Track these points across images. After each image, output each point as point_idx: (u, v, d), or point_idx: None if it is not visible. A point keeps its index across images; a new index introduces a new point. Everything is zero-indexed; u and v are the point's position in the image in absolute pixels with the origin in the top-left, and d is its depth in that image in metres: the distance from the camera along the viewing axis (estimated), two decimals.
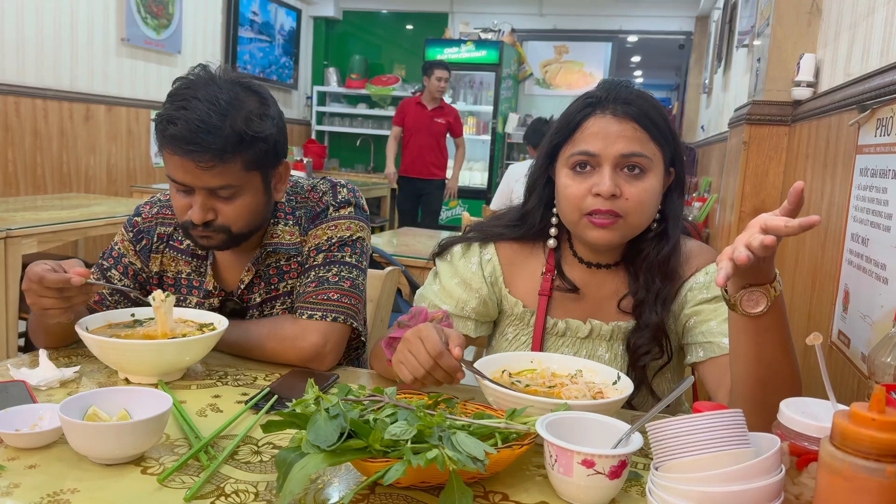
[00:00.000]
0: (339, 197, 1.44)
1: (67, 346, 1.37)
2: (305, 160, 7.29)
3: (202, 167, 1.22)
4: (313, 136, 8.25)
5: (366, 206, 1.48)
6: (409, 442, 0.83)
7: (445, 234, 3.89)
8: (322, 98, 8.31)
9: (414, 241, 3.34)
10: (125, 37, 5.33)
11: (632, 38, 8.32)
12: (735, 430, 0.76)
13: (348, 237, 1.41)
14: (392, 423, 0.87)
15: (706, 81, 6.49)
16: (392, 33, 8.50)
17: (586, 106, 1.23)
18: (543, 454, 0.90)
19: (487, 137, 7.46)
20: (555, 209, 1.31)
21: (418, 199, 5.96)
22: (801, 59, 2.13)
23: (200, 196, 1.26)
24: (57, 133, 4.81)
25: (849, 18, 1.85)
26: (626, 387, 1.08)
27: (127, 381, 1.22)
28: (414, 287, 2.54)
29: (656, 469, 0.79)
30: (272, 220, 1.41)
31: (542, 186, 1.32)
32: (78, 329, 1.19)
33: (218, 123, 1.21)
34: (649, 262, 1.26)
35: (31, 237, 2.88)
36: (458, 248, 1.39)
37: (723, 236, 2.62)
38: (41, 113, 4.67)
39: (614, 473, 0.86)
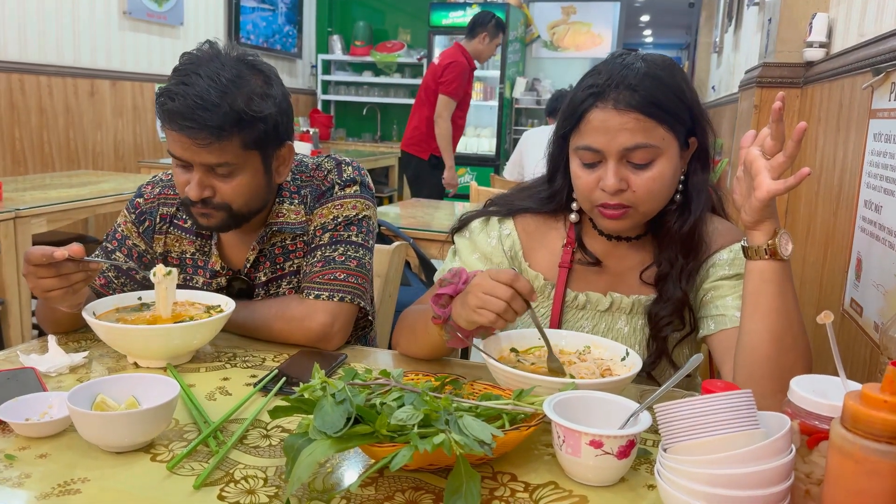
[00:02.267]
0: (345, 175, 1.42)
1: (76, 331, 1.37)
2: (312, 130, 7.24)
3: (199, 144, 1.21)
4: (319, 107, 8.19)
5: (371, 184, 1.47)
6: (416, 427, 0.83)
7: (448, 204, 3.84)
8: (327, 67, 8.23)
9: (421, 213, 3.32)
10: (127, 10, 5.28)
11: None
12: (744, 411, 0.76)
13: (354, 216, 1.40)
14: (398, 408, 0.86)
15: (717, 41, 6.37)
16: None
17: (589, 96, 1.18)
18: (552, 434, 0.90)
19: (495, 103, 7.37)
20: None
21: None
22: (813, 19, 2.08)
23: (198, 172, 1.26)
24: (63, 110, 4.79)
25: None
26: (635, 363, 1.07)
27: (136, 366, 1.22)
28: (423, 259, 2.54)
29: (665, 451, 0.79)
30: (277, 200, 1.40)
31: (563, 166, 1.29)
32: (85, 315, 1.19)
33: (216, 101, 1.20)
34: (672, 237, 1.25)
35: (41, 216, 2.89)
36: (476, 223, 1.38)
37: (731, 204, 2.58)
38: (46, 90, 4.65)
39: (623, 453, 0.85)
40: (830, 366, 0.83)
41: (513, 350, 1.16)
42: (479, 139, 7.49)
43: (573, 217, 1.31)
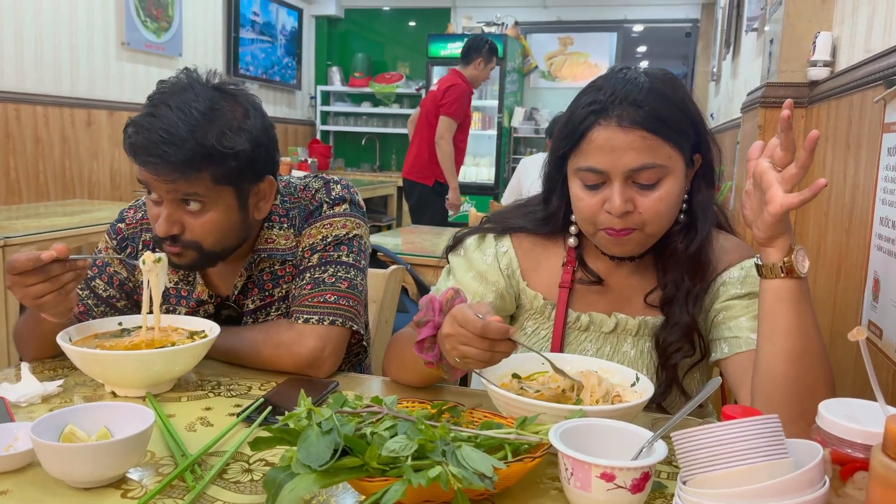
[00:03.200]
0: (333, 194, 1.36)
1: (53, 358, 1.30)
2: (310, 160, 7.24)
3: (163, 180, 1.15)
4: (318, 136, 8.19)
5: (361, 203, 1.41)
6: (410, 458, 0.76)
7: (452, 230, 3.80)
8: (326, 97, 8.24)
9: (420, 239, 3.26)
10: (125, 40, 5.28)
11: (637, 28, 8.20)
12: (772, 439, 0.68)
13: (344, 235, 1.33)
14: (391, 438, 0.79)
15: (714, 69, 6.38)
16: (394, 30, 8.42)
17: (590, 114, 1.11)
18: (558, 466, 0.82)
19: (493, 132, 7.36)
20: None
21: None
22: (816, 38, 2.04)
23: (167, 207, 1.19)
24: (59, 139, 4.76)
25: None
26: (646, 389, 1.00)
27: (114, 395, 1.15)
28: (421, 286, 2.48)
29: (684, 483, 0.71)
30: (266, 225, 1.33)
31: (560, 186, 1.23)
32: (59, 340, 1.12)
33: (184, 135, 1.13)
34: (677, 258, 1.18)
35: (30, 245, 2.83)
36: (471, 241, 1.31)
37: (739, 223, 2.53)
38: (42, 119, 4.62)
39: (637, 487, 0.78)
40: (849, 386, 0.76)
41: (515, 376, 1.09)
42: (477, 168, 7.47)
43: (571, 241, 1.25)
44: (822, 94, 1.98)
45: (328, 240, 1.32)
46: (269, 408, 1.07)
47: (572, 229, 1.25)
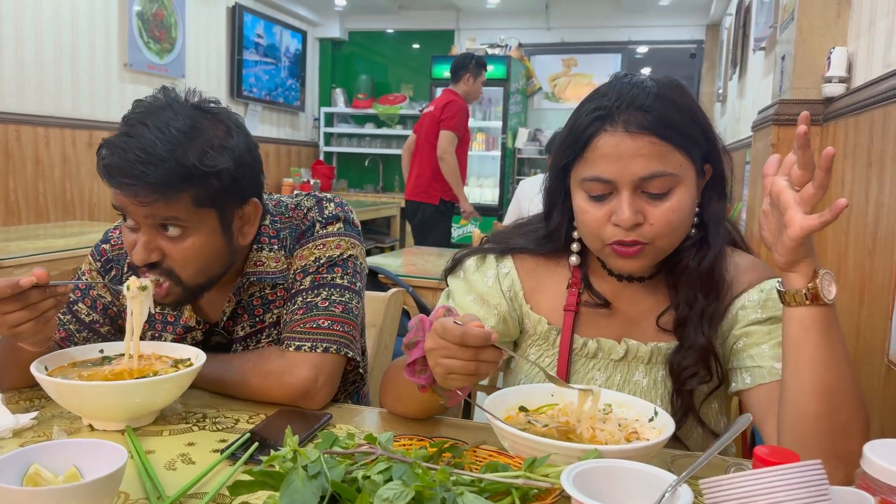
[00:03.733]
0: (326, 212, 1.28)
1: (31, 388, 1.22)
2: (313, 181, 7.20)
3: (140, 202, 1.07)
4: (321, 158, 8.16)
5: (357, 221, 1.33)
6: None
7: (452, 252, 3.74)
8: (329, 119, 8.22)
9: (421, 261, 3.19)
10: (128, 62, 5.27)
11: (641, 49, 8.18)
12: (816, 488, 0.61)
13: (338, 256, 1.26)
14: (385, 483, 0.71)
15: (720, 90, 6.34)
16: (398, 52, 8.42)
17: (595, 120, 1.04)
18: None
19: (497, 153, 7.32)
20: (576, 222, 1.15)
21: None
22: (831, 53, 1.97)
23: (145, 233, 1.11)
24: (59, 161, 4.72)
25: (886, 4, 1.69)
26: (666, 425, 0.92)
27: (91, 429, 1.07)
28: (423, 308, 2.39)
29: None
30: (255, 246, 1.25)
31: (562, 201, 1.16)
32: (33, 370, 1.04)
33: (163, 154, 1.05)
34: (689, 275, 1.10)
35: (25, 266, 2.76)
36: (471, 262, 1.24)
37: (755, 241, 2.45)
38: (42, 140, 4.59)
39: None
40: (878, 421, 0.68)
41: (522, 409, 1.01)
42: (481, 189, 7.42)
43: (573, 260, 1.17)
44: (839, 110, 1.91)
45: (321, 261, 1.24)
46: (256, 444, 0.99)
47: (574, 247, 1.17)
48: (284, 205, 1.30)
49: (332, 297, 1.22)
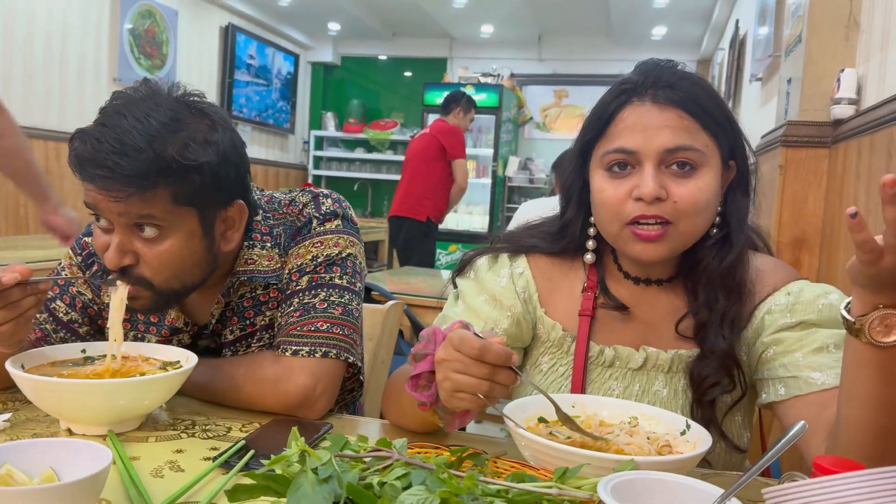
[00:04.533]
0: (323, 208, 1.20)
1: (3, 391, 1.13)
2: None
3: (112, 196, 0.98)
4: (310, 181, 8.09)
5: (355, 218, 1.25)
6: None
7: (446, 273, 3.67)
8: (319, 142, 8.18)
9: (414, 280, 3.12)
10: (117, 76, 5.20)
11: None
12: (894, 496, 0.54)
13: (336, 255, 1.17)
14: (404, 489, 0.64)
15: None
16: (390, 79, 8.43)
17: (621, 94, 1.01)
18: None
19: (488, 181, 7.30)
20: (592, 219, 1.09)
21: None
22: (840, 75, 1.95)
23: (118, 234, 1.02)
24: (42, 172, 4.62)
25: None
26: (702, 438, 0.85)
27: (70, 433, 0.98)
28: (417, 326, 2.32)
29: None
30: (246, 244, 1.17)
31: (578, 192, 1.10)
32: (9, 366, 0.95)
33: (140, 145, 0.97)
34: (710, 275, 1.03)
35: None
36: (483, 261, 1.16)
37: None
38: None
39: None
40: None
41: (541, 420, 0.93)
42: (471, 216, 7.38)
43: (589, 257, 1.11)
44: (849, 132, 1.88)
45: (319, 260, 1.16)
46: (252, 451, 0.91)
47: (590, 244, 1.10)
48: (277, 200, 1.22)
49: (331, 299, 1.14)
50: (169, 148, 0.99)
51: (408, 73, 8.37)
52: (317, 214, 1.19)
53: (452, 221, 6.92)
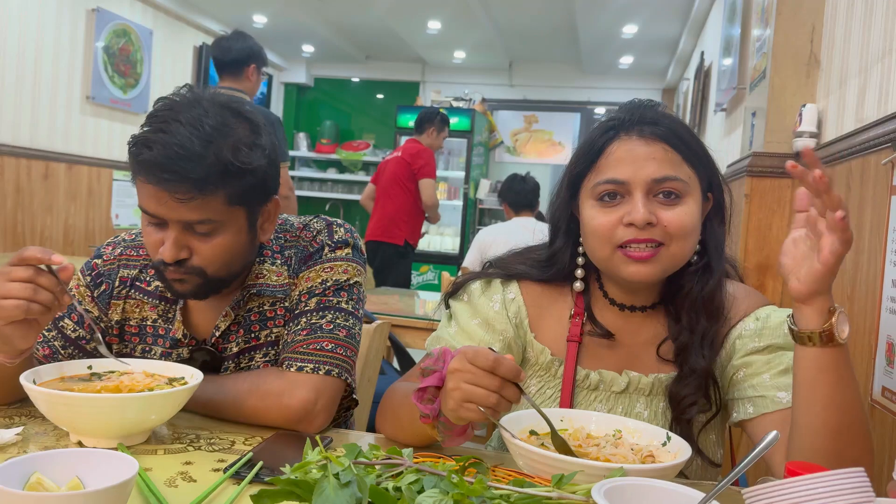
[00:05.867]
0: (336, 237, 1.27)
1: (9, 406, 1.16)
2: None
3: (179, 199, 1.06)
4: None
5: (363, 249, 1.32)
6: None
7: (423, 293, 3.73)
8: (292, 162, 8.21)
9: (393, 301, 3.17)
10: (90, 95, 5.19)
11: (599, 110, 8.44)
12: (863, 495, 0.61)
13: (345, 281, 1.24)
14: (418, 493, 0.69)
15: None
16: (362, 101, 8.51)
17: (609, 129, 1.10)
18: None
19: (459, 203, 7.40)
20: (581, 248, 1.16)
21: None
22: (802, 110, 2.07)
23: (174, 231, 1.10)
24: (12, 190, 4.58)
25: (856, 65, 1.79)
26: (682, 448, 0.92)
27: (80, 445, 1.01)
28: (398, 347, 2.37)
29: None
30: (257, 260, 1.24)
31: (566, 223, 1.17)
32: (23, 381, 0.99)
33: (200, 151, 1.05)
34: (693, 300, 1.11)
35: None
36: (476, 286, 1.23)
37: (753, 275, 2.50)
38: None
39: None
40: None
41: (532, 433, 1.00)
42: (442, 237, 7.45)
43: (578, 285, 1.18)
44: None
45: (328, 284, 1.23)
46: (261, 463, 0.95)
47: (578, 272, 1.18)
48: (291, 223, 1.29)
49: (337, 321, 1.20)
50: (224, 152, 1.07)
51: (380, 96, 8.46)
52: (329, 242, 1.26)
53: (424, 243, 6.97)
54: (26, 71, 4.64)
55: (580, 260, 1.17)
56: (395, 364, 2.49)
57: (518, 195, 4.27)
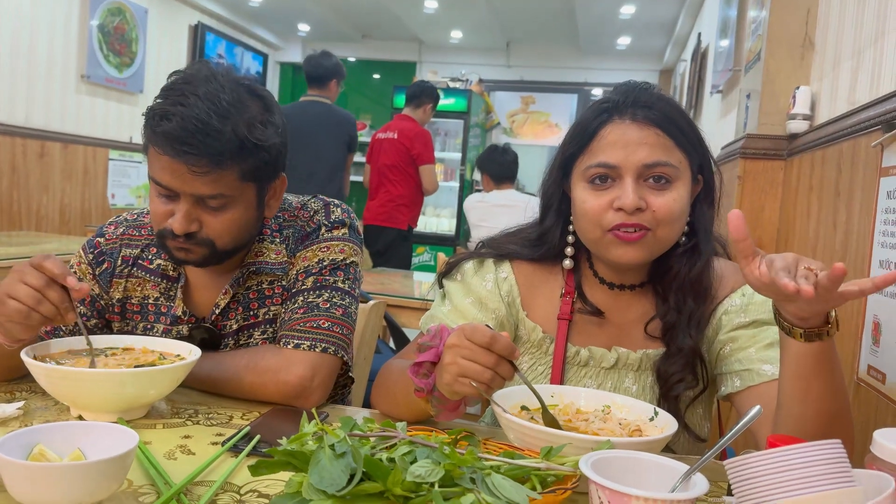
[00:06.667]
0: (333, 216, 1.29)
1: (10, 381, 1.18)
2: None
3: (195, 172, 1.07)
4: None
5: (360, 229, 1.34)
6: (437, 485, 0.68)
7: (418, 274, 3.75)
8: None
9: (389, 281, 3.19)
10: (85, 73, 5.17)
11: (597, 91, 8.43)
12: (840, 465, 0.63)
13: (341, 260, 1.26)
14: (411, 464, 0.71)
15: None
16: (359, 81, 8.47)
17: (602, 112, 1.11)
18: (590, 501, 0.75)
19: (455, 184, 7.39)
20: (572, 227, 1.18)
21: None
22: (796, 92, 2.08)
23: (186, 204, 1.11)
24: (8, 170, 4.57)
25: (850, 48, 1.80)
26: (668, 423, 0.94)
27: (80, 419, 1.04)
28: (394, 326, 2.39)
29: None
30: (258, 238, 1.26)
31: (557, 202, 1.19)
32: (24, 356, 1.01)
33: (218, 125, 1.06)
34: (680, 281, 1.13)
35: None
36: (469, 265, 1.25)
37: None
38: None
39: None
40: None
41: (524, 408, 1.02)
42: (438, 219, 7.46)
43: (567, 263, 1.20)
44: (803, 146, 2.01)
45: (325, 263, 1.25)
46: (258, 437, 0.98)
47: (568, 251, 1.20)
48: (289, 203, 1.30)
49: (334, 300, 1.22)
50: (240, 128, 1.08)
51: (376, 76, 8.43)
52: (326, 222, 1.28)
53: (420, 224, 6.98)
54: (21, 49, 4.62)
55: (570, 238, 1.19)
56: (391, 344, 2.52)
57: (501, 167, 4.26)
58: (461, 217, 7.36)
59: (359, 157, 7.21)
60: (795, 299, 0.83)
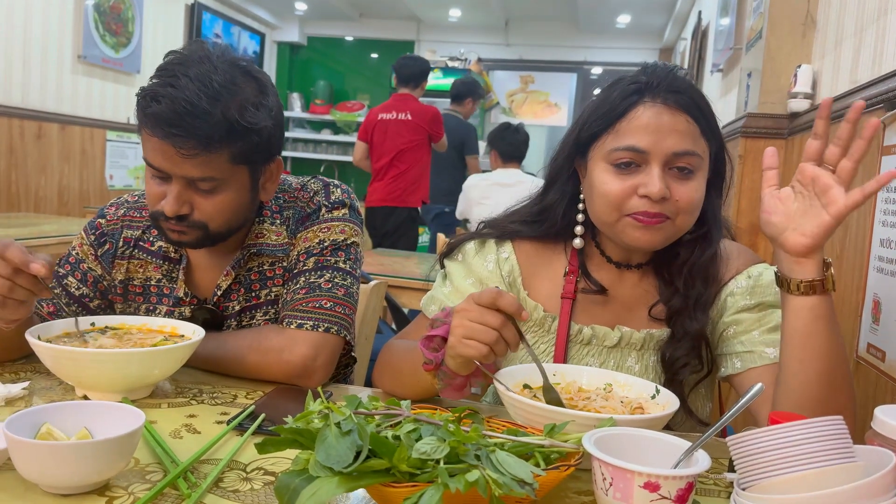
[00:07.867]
0: (333, 197, 1.29)
1: (14, 361, 1.19)
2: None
3: (183, 154, 1.07)
4: None
5: (360, 210, 1.34)
6: (442, 462, 0.69)
7: (419, 254, 3.75)
8: (286, 123, 8.14)
9: (390, 261, 3.19)
10: (82, 54, 5.12)
11: (596, 70, 8.38)
12: (841, 441, 0.64)
13: (342, 241, 1.26)
14: (417, 441, 0.72)
15: None
16: (356, 60, 8.42)
17: (633, 93, 1.07)
18: (593, 477, 0.76)
19: None
20: (580, 205, 1.17)
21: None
22: (797, 71, 2.07)
23: (177, 186, 1.11)
24: (5, 151, 4.55)
25: (852, 25, 1.79)
26: (670, 401, 0.95)
27: (85, 399, 1.04)
28: (395, 307, 2.40)
29: (743, 489, 0.66)
30: (257, 219, 1.26)
31: (564, 179, 1.18)
32: (28, 337, 1.01)
33: (207, 107, 1.06)
34: (690, 267, 1.13)
35: None
36: (471, 246, 1.25)
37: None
38: None
39: (681, 498, 0.72)
40: None
41: (526, 387, 1.03)
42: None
43: (577, 242, 1.19)
44: (804, 124, 2.01)
45: (325, 244, 1.25)
46: (262, 416, 0.98)
47: (578, 229, 1.19)
48: (289, 183, 1.30)
49: (335, 280, 1.22)
50: (231, 111, 1.08)
51: (374, 55, 8.37)
52: (326, 203, 1.27)
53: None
54: (16, 30, 4.57)
55: (580, 217, 1.18)
56: (393, 325, 2.53)
57: (511, 146, 4.24)
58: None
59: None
60: (822, 195, 0.91)
